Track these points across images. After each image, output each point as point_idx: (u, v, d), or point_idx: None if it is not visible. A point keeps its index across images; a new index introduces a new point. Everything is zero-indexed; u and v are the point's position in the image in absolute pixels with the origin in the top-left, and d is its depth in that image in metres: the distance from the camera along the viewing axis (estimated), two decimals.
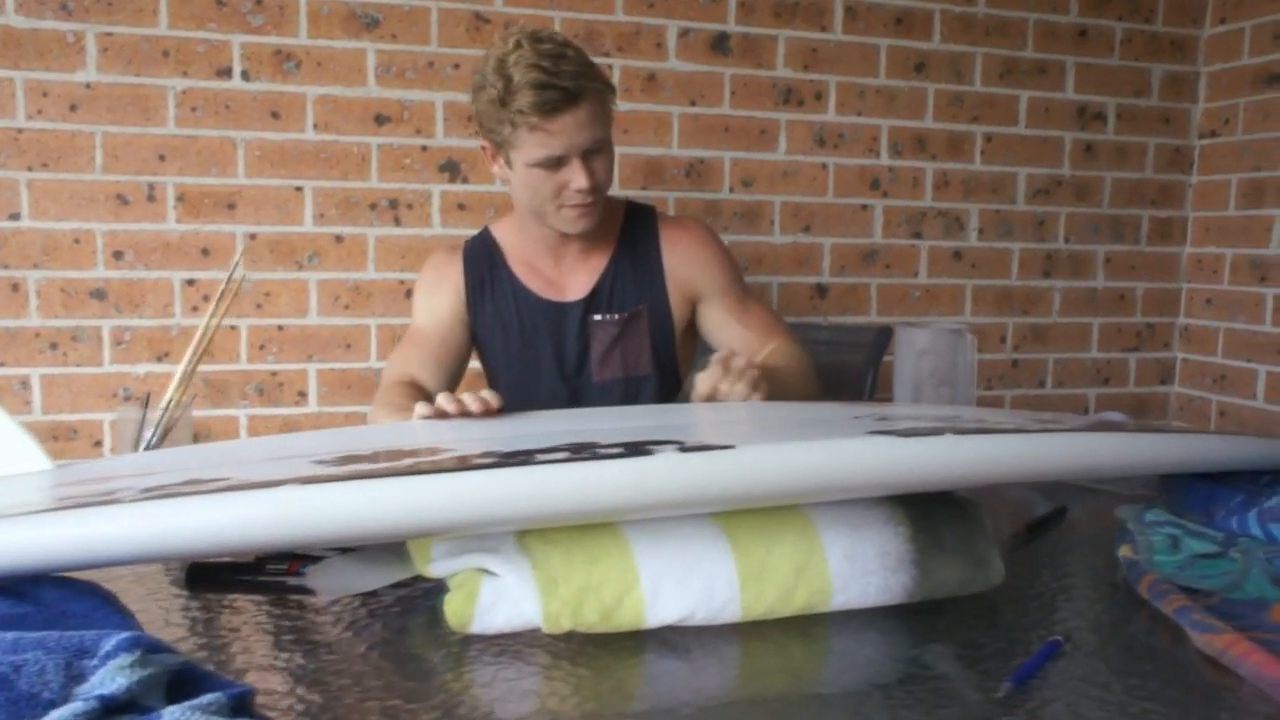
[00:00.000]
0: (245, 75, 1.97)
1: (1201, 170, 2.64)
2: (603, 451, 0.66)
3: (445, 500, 0.60)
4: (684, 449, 0.64)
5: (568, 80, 1.26)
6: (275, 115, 2.00)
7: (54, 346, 1.93)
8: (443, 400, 1.05)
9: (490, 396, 1.05)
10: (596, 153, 1.33)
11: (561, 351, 1.46)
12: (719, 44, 2.23)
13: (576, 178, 1.31)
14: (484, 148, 1.39)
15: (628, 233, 1.48)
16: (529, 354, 1.47)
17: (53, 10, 1.87)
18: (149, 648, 0.55)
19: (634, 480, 0.62)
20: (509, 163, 1.35)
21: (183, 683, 0.54)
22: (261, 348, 2.04)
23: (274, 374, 2.05)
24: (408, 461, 0.69)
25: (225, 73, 1.96)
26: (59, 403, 1.95)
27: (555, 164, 1.31)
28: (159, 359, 1.98)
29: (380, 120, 2.05)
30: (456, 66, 2.07)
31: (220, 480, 0.67)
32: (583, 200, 1.34)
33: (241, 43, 1.96)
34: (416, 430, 0.95)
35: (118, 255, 1.95)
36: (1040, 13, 2.46)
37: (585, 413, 1.06)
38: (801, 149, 2.31)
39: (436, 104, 2.07)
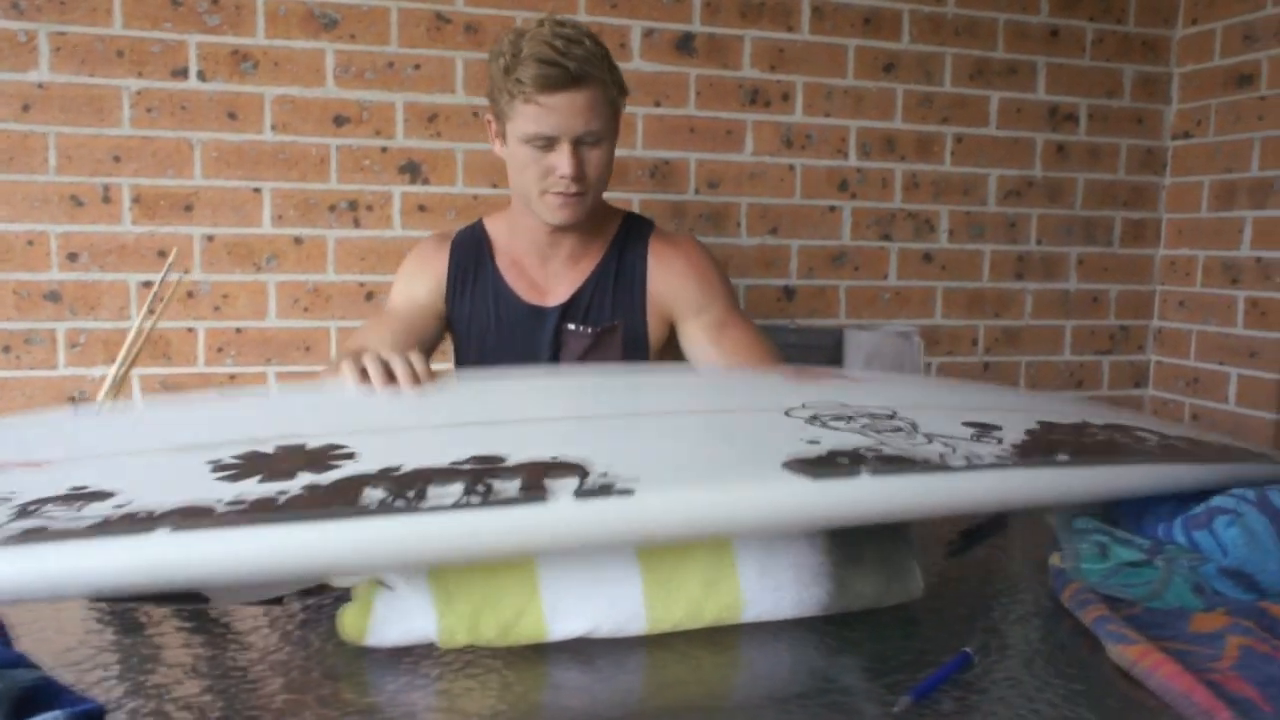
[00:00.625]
0: (202, 75, 1.95)
1: (1174, 172, 2.62)
2: (499, 487, 0.62)
3: (328, 547, 0.58)
4: (580, 492, 0.61)
5: (573, 62, 1.26)
6: (232, 116, 1.97)
7: (7, 349, 1.91)
8: (369, 364, 0.98)
9: (419, 365, 0.99)
10: (590, 145, 1.31)
11: (532, 357, 1.44)
12: (684, 44, 2.21)
13: (562, 163, 1.29)
14: (488, 121, 1.38)
15: (618, 245, 1.45)
16: (501, 356, 1.45)
17: (3, 9, 1.84)
18: (1, 663, 0.53)
19: (527, 529, 0.60)
20: (505, 138, 1.34)
21: (36, 699, 0.52)
22: (220, 350, 2.01)
23: (233, 377, 2.03)
24: (305, 477, 0.66)
25: (181, 73, 1.94)
26: (12, 406, 1.92)
27: (545, 144, 1.29)
28: (114, 362, 1.95)
29: (339, 121, 2.02)
30: (417, 67, 2.05)
31: (107, 495, 0.65)
32: (566, 189, 1.31)
33: (198, 42, 1.94)
34: (329, 409, 0.91)
35: (72, 257, 1.92)
36: (1010, 13, 2.44)
37: (506, 387, 1.01)
38: (768, 150, 2.29)
39: (396, 105, 2.05)
